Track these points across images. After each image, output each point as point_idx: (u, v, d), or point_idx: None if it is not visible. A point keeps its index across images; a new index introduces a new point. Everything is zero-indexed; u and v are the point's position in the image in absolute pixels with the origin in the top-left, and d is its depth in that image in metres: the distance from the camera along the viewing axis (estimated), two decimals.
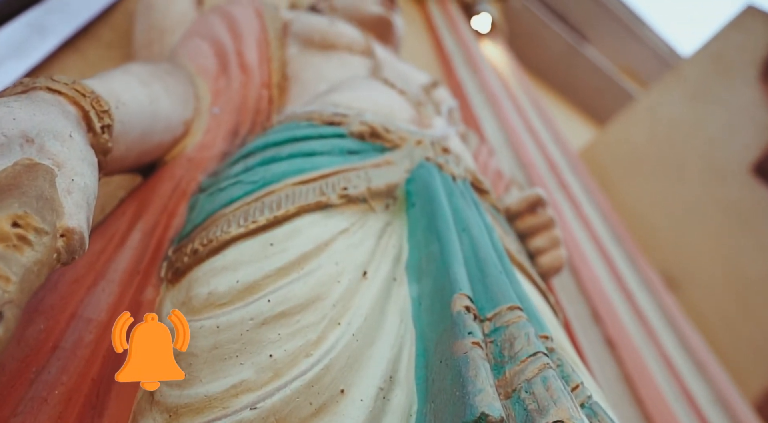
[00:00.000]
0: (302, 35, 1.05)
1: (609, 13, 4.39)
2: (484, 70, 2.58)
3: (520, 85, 2.92)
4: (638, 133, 2.72)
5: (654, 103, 2.68)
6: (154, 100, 0.67)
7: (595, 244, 1.83)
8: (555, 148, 2.40)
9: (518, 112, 2.48)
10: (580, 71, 4.25)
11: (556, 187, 2.03)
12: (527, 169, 1.99)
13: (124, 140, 0.61)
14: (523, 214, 0.89)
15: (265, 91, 0.93)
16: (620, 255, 1.94)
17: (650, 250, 2.44)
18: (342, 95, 0.85)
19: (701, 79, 2.47)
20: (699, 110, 2.42)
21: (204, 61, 0.88)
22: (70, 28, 1.08)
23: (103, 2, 1.17)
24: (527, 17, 3.82)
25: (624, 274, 1.77)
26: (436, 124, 0.92)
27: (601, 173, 2.89)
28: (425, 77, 1.18)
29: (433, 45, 2.82)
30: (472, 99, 2.34)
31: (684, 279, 2.42)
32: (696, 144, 2.41)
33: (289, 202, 0.59)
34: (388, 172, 0.70)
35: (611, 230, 2.06)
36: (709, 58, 2.44)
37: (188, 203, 0.68)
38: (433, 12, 3.01)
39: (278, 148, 0.70)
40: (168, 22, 1.00)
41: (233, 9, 1.03)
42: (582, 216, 1.94)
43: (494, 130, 2.18)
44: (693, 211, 2.39)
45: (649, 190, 2.59)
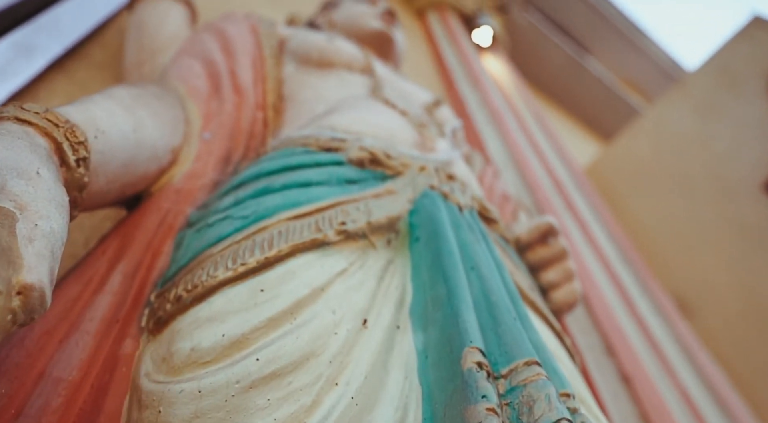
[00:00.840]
0: (299, 53, 1.01)
1: (610, 26, 4.39)
2: (486, 85, 2.55)
3: (523, 99, 2.89)
4: (644, 148, 2.68)
5: (660, 117, 2.64)
6: (138, 127, 0.63)
7: (605, 269, 1.78)
8: (561, 166, 2.36)
9: (522, 128, 2.44)
10: (583, 84, 4.24)
11: (563, 208, 1.98)
12: (533, 190, 1.95)
13: (104, 173, 0.57)
14: (534, 245, 0.84)
15: (259, 113, 0.89)
16: (631, 280, 1.89)
17: (661, 272, 2.39)
18: (340, 117, 0.80)
19: (708, 93, 2.44)
20: (706, 125, 2.39)
21: (195, 81, 0.84)
22: (58, 47, 1.04)
23: (94, 20, 1.14)
24: (528, 30, 3.81)
25: (636, 301, 1.72)
26: (440, 147, 0.88)
27: (606, 190, 2.85)
28: (427, 96, 1.15)
29: (434, 59, 2.80)
30: (475, 115, 2.30)
31: (697, 303, 2.35)
32: (704, 160, 2.37)
33: (282, 240, 0.55)
34: (389, 203, 0.65)
35: (621, 253, 2.01)
36: (716, 71, 2.41)
37: (175, 240, 0.64)
38: (433, 25, 2.99)
39: (271, 178, 0.66)
40: (159, 42, 0.96)
41: (227, 26, 0.99)
42: (591, 238, 1.90)
43: (498, 148, 2.14)
44: (704, 230, 2.34)
45: (656, 209, 2.54)
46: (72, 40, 1.06)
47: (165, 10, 1.01)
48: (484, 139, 2.15)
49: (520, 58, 3.81)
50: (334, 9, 1.41)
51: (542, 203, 1.91)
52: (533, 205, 1.91)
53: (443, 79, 2.61)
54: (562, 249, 0.84)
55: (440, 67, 2.68)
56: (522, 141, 2.32)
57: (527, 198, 1.95)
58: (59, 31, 1.06)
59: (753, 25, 2.31)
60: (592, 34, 4.41)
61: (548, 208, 1.90)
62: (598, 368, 1.12)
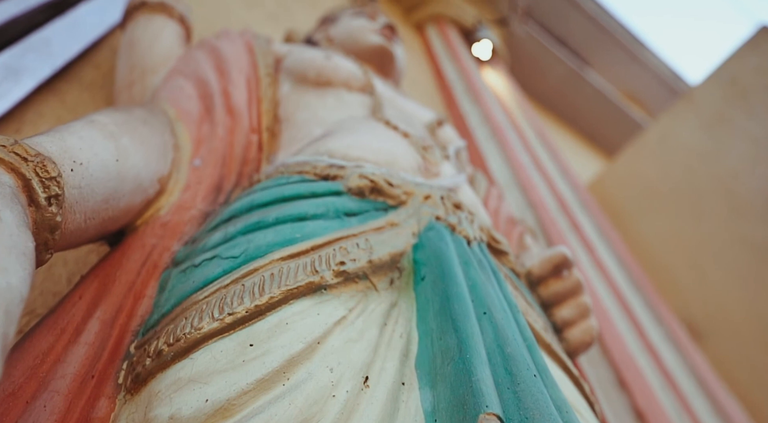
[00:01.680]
0: (295, 71, 0.97)
1: (610, 38, 4.37)
2: (487, 101, 2.51)
3: (524, 114, 2.86)
4: (649, 164, 2.64)
5: (665, 132, 2.60)
6: (122, 156, 0.59)
7: (614, 294, 1.73)
8: (565, 185, 2.31)
9: (524, 144, 2.40)
10: (583, 97, 4.22)
11: (569, 228, 1.94)
12: (537, 209, 1.90)
13: (82, 209, 0.52)
14: (546, 279, 0.79)
15: (254, 136, 0.85)
16: (641, 305, 1.84)
17: (669, 294, 2.33)
18: (338, 141, 0.76)
19: (715, 106, 2.39)
20: (715, 139, 2.34)
21: (186, 104, 0.80)
22: (48, 69, 1.00)
23: (86, 41, 1.10)
24: (528, 43, 3.79)
25: (647, 330, 1.66)
26: (445, 171, 0.83)
27: (611, 208, 2.80)
28: (430, 115, 1.10)
29: (434, 73, 2.77)
30: (476, 131, 2.26)
31: (708, 326, 2.29)
32: (714, 176, 2.32)
33: (275, 284, 0.50)
34: (392, 237, 0.61)
35: (630, 276, 1.96)
36: (723, 84, 2.37)
37: (159, 280, 0.59)
38: (432, 39, 2.97)
39: (264, 210, 0.61)
40: (151, 61, 0.92)
41: (221, 44, 0.95)
42: (598, 261, 1.84)
43: (500, 166, 2.10)
44: (714, 249, 2.28)
45: (663, 227, 2.49)
46: (63, 61, 1.02)
47: (158, 28, 0.97)
48: (485, 157, 2.11)
49: (519, 71, 3.79)
50: (332, 24, 1.38)
51: (546, 223, 1.86)
52: (537, 225, 1.86)
53: (443, 94, 2.57)
54: (576, 282, 0.79)
55: (440, 82, 2.65)
56: (524, 158, 2.27)
57: (531, 218, 1.90)
58: (49, 52, 1.02)
59: (761, 35, 2.28)
60: (591, 47, 4.40)
61: (553, 228, 1.85)
62: (609, 403, 1.06)
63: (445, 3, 3.04)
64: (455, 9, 3.07)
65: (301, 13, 2.01)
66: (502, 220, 1.19)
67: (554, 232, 1.84)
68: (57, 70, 1.00)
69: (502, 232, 1.16)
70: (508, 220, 1.21)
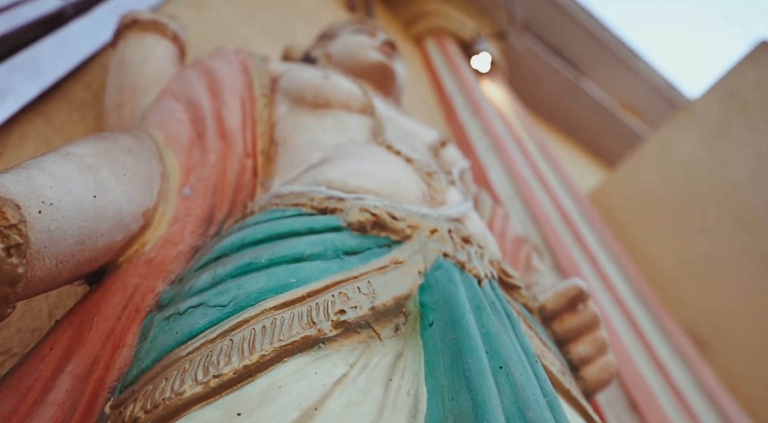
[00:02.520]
0: (293, 92, 0.91)
1: (605, 49, 4.34)
2: (487, 113, 2.46)
3: (524, 126, 2.81)
4: (651, 176, 2.59)
5: (666, 143, 2.55)
6: (100, 191, 0.53)
7: (621, 310, 1.67)
8: (567, 198, 2.26)
9: (525, 157, 2.35)
10: (580, 108, 4.18)
11: (573, 242, 1.88)
12: (540, 224, 1.84)
13: (53, 255, 0.46)
14: (561, 314, 0.73)
15: (248, 160, 0.79)
16: (648, 320, 1.78)
17: (674, 307, 2.27)
18: (337, 170, 0.70)
19: (716, 119, 2.35)
20: (718, 152, 2.29)
21: (176, 128, 0.74)
22: (36, 88, 0.94)
23: (76, 58, 1.05)
24: (526, 55, 3.75)
25: (656, 346, 1.60)
26: (451, 198, 0.78)
27: (611, 218, 2.74)
28: (432, 134, 1.05)
29: (433, 86, 2.72)
30: (476, 144, 2.21)
31: (713, 338, 2.23)
32: (716, 188, 2.27)
33: (266, 339, 0.44)
34: (396, 278, 0.55)
35: (634, 290, 1.90)
36: (724, 96, 2.32)
37: (141, 326, 0.52)
38: (431, 52, 2.92)
39: (257, 249, 0.55)
40: (141, 82, 0.86)
41: (214, 63, 0.89)
42: (602, 274, 1.78)
43: (502, 179, 2.05)
44: (719, 262, 2.22)
45: (665, 239, 2.43)
46: (51, 80, 0.96)
47: (149, 47, 0.92)
48: (487, 170, 2.06)
49: (517, 82, 3.75)
50: (331, 41, 1.33)
51: (550, 238, 1.81)
52: (541, 241, 1.80)
53: (443, 107, 2.52)
54: (592, 315, 0.73)
55: (440, 95, 2.60)
56: (526, 171, 2.22)
57: (534, 233, 1.84)
58: (38, 71, 0.97)
59: (760, 50, 2.24)
60: (587, 58, 4.36)
61: (557, 243, 1.79)
62: None
63: (443, 16, 3.00)
64: (454, 22, 3.03)
65: (300, 28, 1.96)
66: (509, 242, 1.14)
67: (558, 247, 1.78)
68: (45, 90, 0.94)
69: (509, 253, 1.11)
70: (515, 241, 1.15)
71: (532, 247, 1.35)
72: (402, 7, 3.06)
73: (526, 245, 1.17)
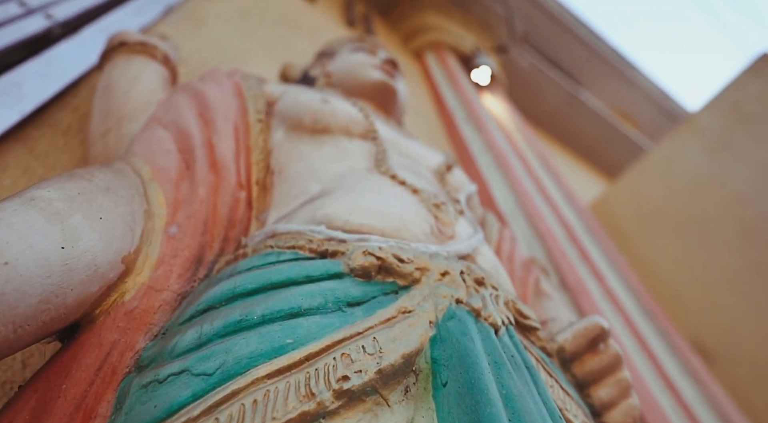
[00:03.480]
0: (290, 116, 0.85)
1: (602, 60, 4.30)
2: (488, 127, 2.40)
3: (525, 138, 2.75)
4: (653, 187, 2.53)
5: (668, 155, 2.49)
6: (70, 241, 0.46)
7: (628, 326, 1.60)
8: (570, 211, 2.19)
9: (527, 171, 2.29)
10: (580, 119, 4.13)
11: (578, 259, 1.81)
12: (545, 240, 1.78)
13: (8, 319, 0.39)
14: (582, 355, 0.66)
15: (242, 192, 0.72)
16: (655, 336, 1.71)
17: (678, 318, 2.20)
18: (338, 204, 0.63)
19: (719, 131, 2.29)
20: (721, 164, 2.23)
21: (163, 160, 0.67)
22: (17, 114, 0.88)
23: (63, 81, 0.98)
24: (525, 67, 3.70)
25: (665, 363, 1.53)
26: (460, 231, 0.71)
27: (613, 229, 2.68)
28: (437, 158, 0.98)
29: (434, 100, 2.66)
30: (479, 159, 2.15)
31: (717, 349, 2.17)
32: (720, 200, 2.21)
33: (258, 417, 0.37)
34: (405, 331, 0.48)
35: (641, 306, 1.83)
36: (726, 108, 2.27)
37: (117, 392, 0.46)
38: (431, 66, 2.87)
39: (248, 302, 0.48)
40: (129, 107, 0.80)
41: (206, 87, 0.83)
42: (610, 293, 1.72)
43: (504, 194, 1.98)
44: (724, 275, 2.16)
45: (671, 250, 2.36)
46: (34, 105, 0.90)
47: (137, 71, 0.86)
48: (489, 185, 1.99)
49: (516, 94, 3.70)
50: (330, 59, 1.27)
51: (556, 255, 1.74)
52: (546, 258, 1.74)
53: (444, 122, 2.47)
54: (615, 355, 0.66)
55: (440, 109, 2.55)
56: (529, 185, 2.16)
57: (539, 249, 1.78)
58: (20, 95, 0.90)
59: (762, 63, 2.19)
60: (584, 68, 4.32)
61: (563, 260, 1.72)
62: None
63: (443, 31, 2.95)
64: (453, 36, 2.98)
65: (298, 43, 1.90)
66: (518, 266, 1.07)
67: (564, 264, 1.72)
68: (27, 115, 0.88)
69: (519, 279, 1.04)
70: (524, 265, 1.09)
71: (540, 268, 1.29)
72: (401, 21, 3.02)
73: (535, 268, 1.11)
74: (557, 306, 1.01)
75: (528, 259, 1.13)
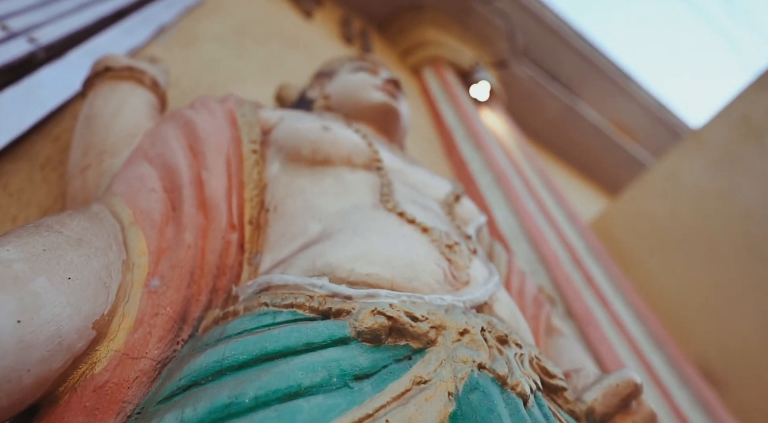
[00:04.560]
0: (287, 147, 0.78)
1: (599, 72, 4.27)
2: (489, 146, 2.34)
3: (525, 156, 2.69)
4: (657, 204, 2.46)
5: (673, 171, 2.43)
6: (29, 312, 0.39)
7: (637, 356, 1.52)
8: (574, 233, 2.13)
9: (529, 190, 2.22)
10: (577, 132, 4.09)
11: (584, 284, 1.74)
12: (548, 264, 1.71)
13: None
14: (613, 416, 0.59)
15: (233, 234, 0.65)
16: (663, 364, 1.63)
17: (684, 341, 2.13)
18: (341, 250, 0.56)
19: (726, 145, 2.23)
20: (729, 179, 2.17)
21: (146, 201, 0.60)
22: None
23: (43, 110, 0.91)
24: (524, 81, 3.66)
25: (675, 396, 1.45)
26: (475, 275, 0.64)
27: (614, 247, 2.61)
28: (444, 187, 0.91)
29: (432, 117, 2.61)
30: (479, 179, 2.09)
31: (725, 373, 2.09)
32: (728, 217, 2.15)
33: None
34: (421, 408, 0.41)
35: (648, 332, 1.76)
36: (735, 122, 2.21)
37: None
38: (429, 82, 2.82)
39: (239, 378, 0.41)
40: (111, 139, 0.73)
41: (197, 115, 0.76)
42: (616, 320, 1.64)
43: (506, 215, 1.92)
44: (732, 295, 2.09)
45: (675, 269, 2.30)
46: (9, 137, 0.82)
47: (122, 99, 0.79)
48: (491, 206, 1.93)
49: (515, 108, 3.66)
50: (328, 80, 1.20)
51: (560, 280, 1.67)
52: (551, 283, 1.66)
53: (443, 140, 2.41)
54: (650, 415, 0.59)
55: (439, 127, 2.49)
56: (531, 206, 2.09)
57: (543, 273, 1.71)
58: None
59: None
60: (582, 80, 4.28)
61: (568, 286, 1.65)
62: None
63: (441, 46, 2.91)
64: (452, 51, 2.94)
65: (295, 62, 1.84)
66: (528, 301, 1.00)
67: (569, 290, 1.65)
68: (2, 148, 0.80)
69: (530, 316, 0.97)
70: (534, 300, 1.01)
71: (547, 297, 1.22)
72: (399, 37, 2.97)
73: (545, 303, 1.04)
74: (573, 347, 0.95)
75: (537, 290, 1.06)
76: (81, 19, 1.13)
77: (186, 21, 1.49)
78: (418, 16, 2.92)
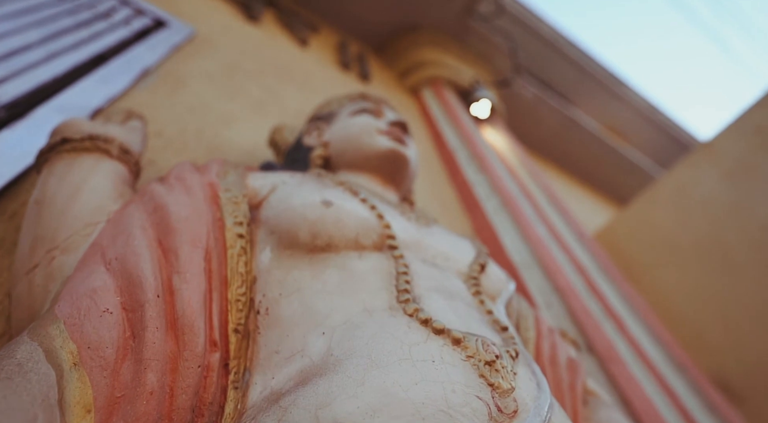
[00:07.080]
0: (280, 229, 0.62)
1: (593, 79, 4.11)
2: (493, 167, 2.18)
3: (530, 173, 2.53)
4: (667, 215, 2.31)
5: (684, 182, 2.27)
6: None
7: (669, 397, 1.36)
8: (586, 256, 1.96)
9: (537, 212, 2.06)
10: (578, 143, 3.93)
11: (603, 316, 1.57)
12: (564, 295, 1.54)
13: None
14: None
15: (214, 354, 0.49)
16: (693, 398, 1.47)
17: (700, 357, 1.97)
18: (354, 398, 0.40)
19: (740, 156, 2.08)
20: (743, 190, 2.02)
21: (96, 329, 0.44)
22: None
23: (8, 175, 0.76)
24: (523, 95, 3.51)
25: None
26: (523, 396, 0.48)
27: (621, 259, 2.45)
28: (466, 254, 0.75)
29: (433, 138, 2.45)
30: (485, 203, 1.92)
31: (746, 390, 1.94)
32: (742, 228, 1.99)
33: None
34: None
35: (671, 359, 1.59)
36: (747, 133, 2.06)
37: None
38: (429, 102, 2.66)
39: None
40: (64, 233, 0.57)
41: (170, 196, 0.60)
42: (642, 355, 1.48)
43: (515, 241, 1.75)
44: (749, 308, 1.93)
45: (688, 282, 2.13)
46: None
47: (82, 176, 0.63)
48: (499, 233, 1.76)
49: (515, 122, 3.51)
50: (327, 124, 1.05)
51: (579, 314, 1.50)
52: (568, 317, 1.50)
53: (446, 163, 2.25)
54: None
55: (441, 150, 2.33)
56: (541, 230, 1.93)
57: (558, 305, 1.54)
58: None
59: None
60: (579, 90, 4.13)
61: (587, 319, 1.49)
62: None
63: (440, 65, 2.75)
64: (451, 70, 2.78)
65: (291, 96, 1.69)
66: (563, 370, 0.84)
67: (589, 324, 1.48)
68: None
69: (568, 385, 0.82)
70: (569, 366, 0.86)
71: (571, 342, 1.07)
72: (397, 58, 2.82)
73: (580, 368, 0.88)
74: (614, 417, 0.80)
75: (571, 355, 0.90)
76: (51, 69, 0.98)
77: (172, 62, 1.33)
78: (416, 36, 2.77)
